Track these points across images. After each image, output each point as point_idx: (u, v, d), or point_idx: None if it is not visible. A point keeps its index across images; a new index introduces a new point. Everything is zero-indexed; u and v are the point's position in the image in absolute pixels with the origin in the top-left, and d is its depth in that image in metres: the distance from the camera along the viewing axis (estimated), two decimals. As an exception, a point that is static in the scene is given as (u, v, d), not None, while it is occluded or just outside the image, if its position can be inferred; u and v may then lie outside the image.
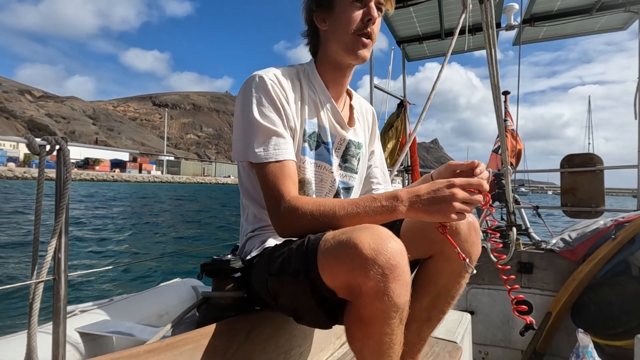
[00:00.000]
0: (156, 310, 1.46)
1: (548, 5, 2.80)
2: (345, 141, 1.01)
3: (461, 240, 0.83)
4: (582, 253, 2.29)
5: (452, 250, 0.78)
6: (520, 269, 2.46)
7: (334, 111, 0.98)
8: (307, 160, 0.93)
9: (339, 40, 0.89)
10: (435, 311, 0.93)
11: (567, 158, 2.70)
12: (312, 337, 1.16)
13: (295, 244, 0.78)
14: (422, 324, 0.95)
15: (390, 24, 3.11)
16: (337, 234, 0.69)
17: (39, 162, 0.78)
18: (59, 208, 0.79)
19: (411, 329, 0.97)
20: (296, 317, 0.84)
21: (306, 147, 0.93)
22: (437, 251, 0.88)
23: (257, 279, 0.89)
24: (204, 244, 9.57)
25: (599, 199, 2.57)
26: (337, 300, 0.72)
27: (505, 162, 2.09)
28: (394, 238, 0.65)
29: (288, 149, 0.85)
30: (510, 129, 3.89)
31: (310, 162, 0.95)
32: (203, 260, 1.00)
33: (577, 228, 2.52)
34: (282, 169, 0.83)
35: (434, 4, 2.77)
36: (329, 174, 0.98)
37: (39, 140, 0.79)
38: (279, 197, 0.80)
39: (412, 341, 0.97)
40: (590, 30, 3.15)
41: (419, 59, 3.72)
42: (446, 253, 0.85)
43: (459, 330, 1.57)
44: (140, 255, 7.60)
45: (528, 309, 0.78)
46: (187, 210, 19.56)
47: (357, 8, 0.86)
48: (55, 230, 0.80)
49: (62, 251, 0.82)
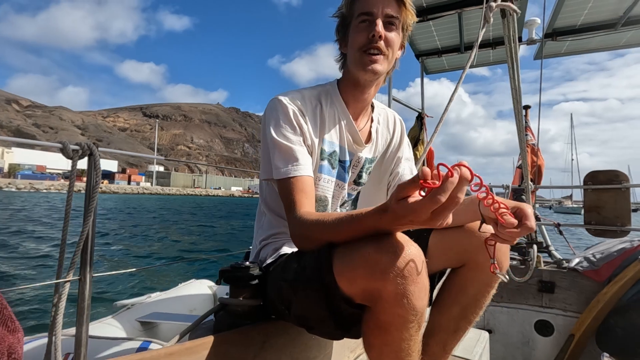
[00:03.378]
0: (187, 305, 1.78)
1: (571, 19, 2.76)
2: (362, 159, 1.06)
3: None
4: (608, 274, 2.19)
5: (485, 260, 0.79)
6: (541, 288, 2.38)
7: (352, 131, 1.02)
8: (324, 177, 0.97)
9: (351, 58, 0.95)
10: (464, 322, 0.94)
11: (591, 175, 2.62)
12: (327, 350, 1.15)
13: (310, 251, 0.79)
14: (449, 335, 0.96)
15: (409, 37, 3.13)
16: (354, 241, 0.69)
17: (72, 165, 0.81)
18: (88, 211, 0.82)
19: (438, 339, 0.96)
20: (308, 327, 0.84)
21: (324, 165, 0.97)
22: (469, 260, 0.88)
23: (272, 287, 0.90)
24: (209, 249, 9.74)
25: (625, 218, 2.47)
26: (349, 312, 0.72)
27: (526, 177, 2.04)
28: (412, 243, 0.67)
29: (305, 165, 0.88)
30: (530, 144, 3.82)
31: (328, 180, 0.99)
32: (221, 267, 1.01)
33: (602, 247, 2.43)
34: (296, 185, 0.86)
35: (454, 17, 2.77)
36: (341, 191, 1.03)
37: (72, 146, 0.82)
38: (291, 211, 0.84)
39: (436, 354, 0.96)
40: (615, 45, 3.09)
41: (438, 72, 3.72)
42: (479, 263, 0.86)
43: (477, 349, 1.53)
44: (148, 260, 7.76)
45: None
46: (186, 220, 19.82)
47: (364, 27, 0.91)
48: (83, 232, 0.83)
49: (88, 252, 0.84)
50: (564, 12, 2.68)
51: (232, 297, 0.98)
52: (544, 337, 2.34)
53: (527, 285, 2.40)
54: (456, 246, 0.88)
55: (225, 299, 0.99)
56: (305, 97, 0.96)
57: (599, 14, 2.68)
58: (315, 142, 0.94)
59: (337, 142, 1.00)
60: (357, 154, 1.04)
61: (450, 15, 2.64)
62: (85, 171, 0.85)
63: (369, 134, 1.07)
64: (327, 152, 0.97)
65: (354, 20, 0.93)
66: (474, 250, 0.83)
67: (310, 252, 0.78)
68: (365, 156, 1.06)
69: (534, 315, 2.38)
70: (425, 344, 0.97)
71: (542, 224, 2.84)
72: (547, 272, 2.38)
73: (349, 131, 1.01)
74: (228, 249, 9.11)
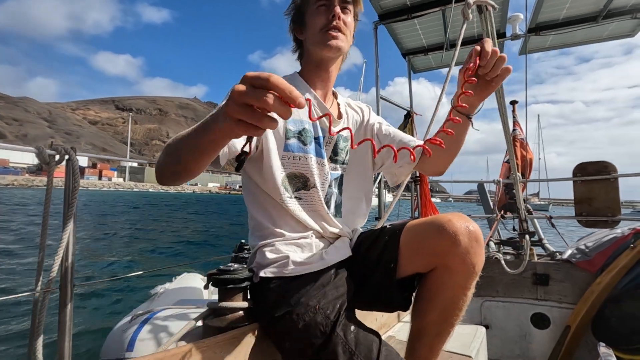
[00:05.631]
0: (187, 296, 1.93)
1: (554, 14, 2.80)
2: (334, 136, 1.07)
3: (462, 251, 0.82)
4: (600, 263, 2.20)
5: (455, 262, 0.83)
6: (535, 281, 2.38)
7: (321, 107, 1.05)
8: (295, 155, 0.99)
9: (312, 40, 1.01)
10: (445, 325, 0.92)
11: (580, 166, 2.64)
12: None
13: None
14: (433, 338, 0.94)
15: (395, 36, 3.14)
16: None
17: (48, 171, 0.79)
18: (67, 217, 0.80)
19: (422, 342, 0.95)
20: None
21: (291, 144, 0.99)
22: (439, 264, 0.88)
23: (272, 309, 0.89)
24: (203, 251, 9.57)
25: (615, 208, 2.49)
26: None
27: (514, 170, 2.05)
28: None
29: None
30: (519, 139, 3.85)
31: (301, 157, 1.00)
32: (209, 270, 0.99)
33: (594, 237, 2.44)
34: None
35: (438, 15, 2.79)
36: (321, 167, 1.03)
37: (48, 151, 0.80)
38: None
39: (424, 356, 0.95)
40: (598, 38, 3.13)
41: (425, 70, 3.74)
42: (450, 266, 0.85)
43: (474, 345, 1.52)
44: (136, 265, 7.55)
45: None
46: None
47: (323, 10, 0.99)
48: (62, 239, 0.80)
49: (69, 260, 0.82)
50: (546, 6, 2.71)
51: (221, 300, 0.96)
52: (540, 330, 2.35)
53: (522, 279, 2.40)
54: (423, 249, 0.88)
55: (214, 303, 0.96)
56: None
57: (580, 8, 2.72)
58: (278, 122, 0.95)
59: (307, 119, 1.02)
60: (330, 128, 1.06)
61: (435, 13, 2.66)
62: (59, 167, 0.82)
63: (339, 113, 1.11)
64: (294, 130, 0.99)
65: (310, 7, 1.00)
66: (440, 253, 0.84)
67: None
68: (341, 132, 1.08)
69: (529, 308, 2.38)
70: (412, 347, 0.97)
71: (534, 217, 2.86)
72: (541, 264, 2.39)
73: (317, 107, 1.05)
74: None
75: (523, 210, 2.25)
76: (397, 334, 1.59)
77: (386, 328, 1.61)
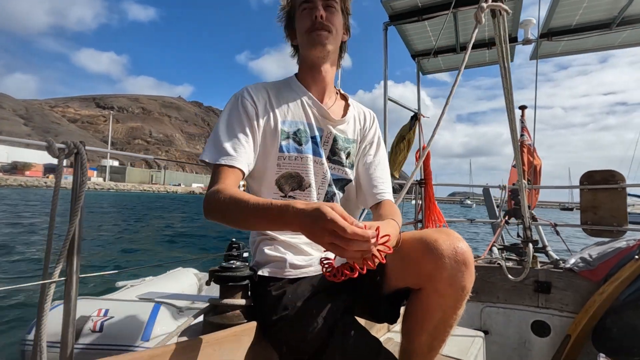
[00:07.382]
0: (177, 289, 2.06)
1: (567, 20, 2.77)
2: (332, 134, 1.06)
3: (448, 275, 0.78)
4: (604, 273, 2.19)
5: (442, 286, 0.79)
6: (537, 289, 2.37)
7: (317, 107, 1.05)
8: (290, 155, 0.99)
9: (301, 42, 1.04)
10: (436, 342, 0.90)
11: (587, 175, 2.62)
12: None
13: None
14: (424, 356, 0.92)
15: (405, 37, 3.13)
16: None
17: (57, 165, 0.80)
18: (74, 210, 0.81)
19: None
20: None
21: (287, 144, 0.99)
22: (427, 286, 0.84)
23: (270, 311, 0.91)
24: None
25: (621, 218, 2.47)
26: None
27: (520, 176, 2.04)
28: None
29: (238, 158, 0.90)
30: (527, 144, 3.82)
31: (297, 157, 1.00)
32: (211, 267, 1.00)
33: (598, 247, 2.42)
34: (227, 173, 0.88)
35: (449, 17, 2.77)
36: (319, 166, 1.03)
37: (58, 145, 0.82)
38: (212, 185, 0.85)
39: None
40: (610, 45, 3.09)
41: (434, 73, 3.72)
42: (438, 289, 0.81)
43: (472, 350, 1.52)
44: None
45: None
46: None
47: (307, 13, 1.00)
48: (69, 232, 0.82)
49: (74, 253, 0.83)
50: (559, 12, 2.68)
51: (222, 297, 0.97)
52: (540, 338, 2.34)
53: (524, 286, 2.39)
54: (409, 267, 0.84)
55: (215, 299, 0.98)
56: (264, 87, 1.04)
57: (594, 14, 2.68)
58: (272, 124, 0.99)
59: (303, 119, 1.03)
60: (328, 127, 1.06)
61: (446, 15, 2.64)
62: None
63: (342, 115, 1.10)
64: (289, 131, 1.00)
65: (297, 11, 1.02)
66: (426, 275, 0.80)
67: None
68: (339, 133, 1.07)
69: (530, 315, 2.37)
70: None
71: (539, 224, 2.84)
72: (543, 272, 2.37)
73: (314, 107, 1.05)
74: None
75: (527, 217, 2.23)
76: (395, 336, 1.60)
77: (385, 330, 1.62)
